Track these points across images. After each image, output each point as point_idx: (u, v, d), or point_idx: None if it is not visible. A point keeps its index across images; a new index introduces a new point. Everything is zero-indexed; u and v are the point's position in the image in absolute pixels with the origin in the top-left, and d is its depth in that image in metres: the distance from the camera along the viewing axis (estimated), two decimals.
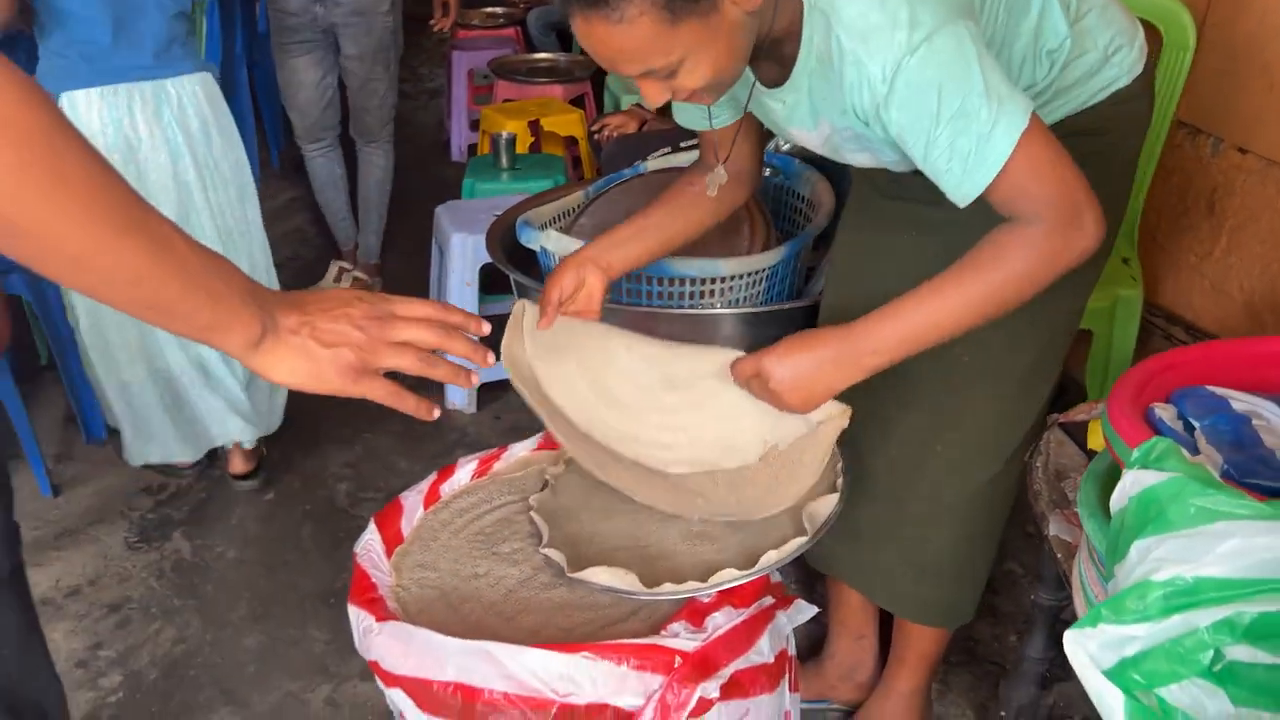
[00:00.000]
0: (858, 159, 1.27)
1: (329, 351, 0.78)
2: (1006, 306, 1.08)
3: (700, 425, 1.36)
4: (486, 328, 0.89)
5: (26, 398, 2.22)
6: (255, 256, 2.24)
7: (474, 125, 4.20)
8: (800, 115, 1.22)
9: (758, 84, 1.24)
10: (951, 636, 1.59)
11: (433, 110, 4.98)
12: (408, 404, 0.84)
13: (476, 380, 0.88)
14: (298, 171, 3.93)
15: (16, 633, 0.92)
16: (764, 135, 1.44)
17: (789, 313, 1.72)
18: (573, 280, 1.35)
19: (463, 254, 2.50)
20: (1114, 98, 1.25)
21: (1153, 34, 2.07)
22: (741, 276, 1.72)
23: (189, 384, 2.14)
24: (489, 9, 4.72)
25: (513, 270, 1.83)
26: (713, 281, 1.71)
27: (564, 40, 4.54)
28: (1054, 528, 1.17)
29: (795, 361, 1.18)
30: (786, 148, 2.10)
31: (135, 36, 1.96)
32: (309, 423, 2.47)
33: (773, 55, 1.18)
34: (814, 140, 1.26)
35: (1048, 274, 1.06)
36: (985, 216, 1.09)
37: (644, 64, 1.05)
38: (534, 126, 3.38)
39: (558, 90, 3.74)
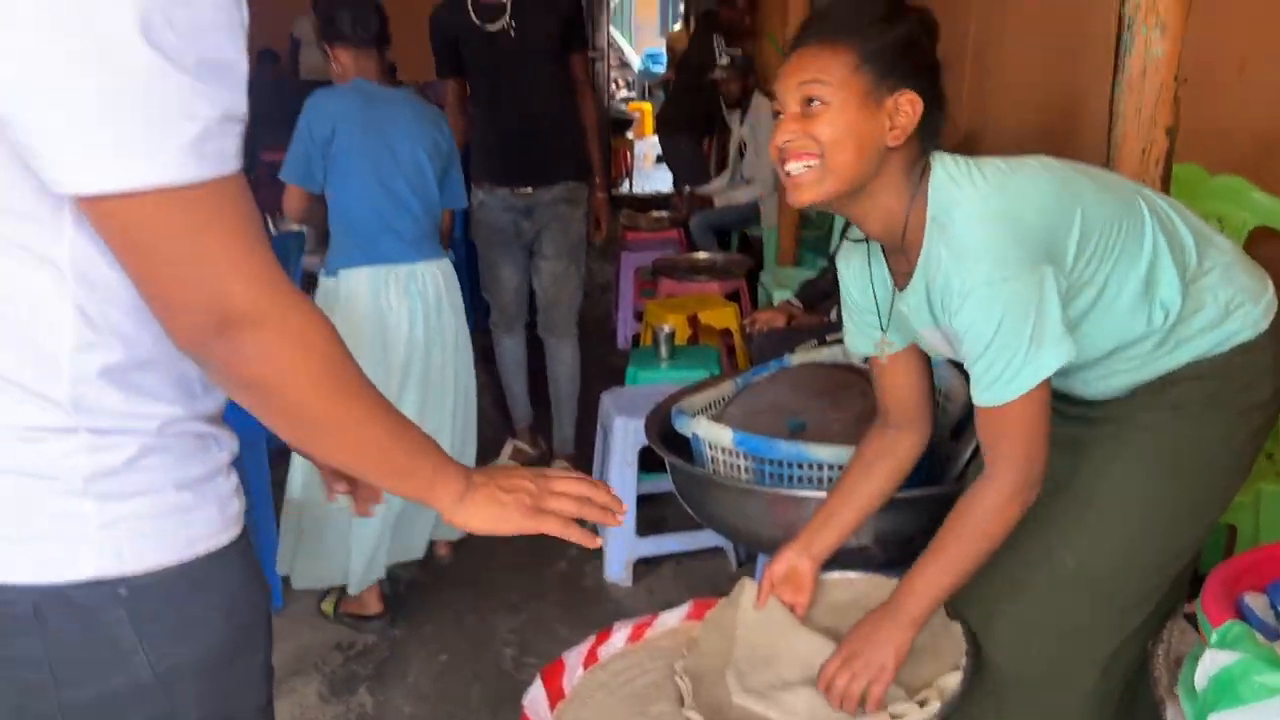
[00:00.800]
0: None
1: (511, 496, 0.99)
2: (986, 555, 1.36)
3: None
4: (623, 512, 1.07)
5: None
6: (461, 408, 2.70)
7: (638, 316, 4.54)
8: (923, 316, 1.39)
9: (896, 292, 1.43)
10: None
11: (603, 303, 5.41)
12: (573, 534, 1.02)
13: (619, 521, 1.07)
14: (481, 361, 4.35)
15: None
16: (927, 380, 1.58)
17: (921, 500, 1.84)
18: (783, 567, 1.57)
19: (624, 436, 2.73)
20: (1237, 349, 1.37)
21: None
22: None
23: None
24: (655, 213, 5.16)
25: (668, 453, 2.04)
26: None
27: (722, 240, 4.91)
28: (1170, 713, 1.23)
29: (864, 642, 1.39)
30: None
31: (396, 231, 2.53)
32: (481, 591, 2.69)
33: (903, 251, 1.38)
34: (939, 341, 1.43)
35: (1004, 529, 1.35)
36: (1100, 448, 1.37)
37: (815, 77, 1.27)
38: (692, 320, 3.67)
39: (715, 286, 4.05)
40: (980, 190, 1.29)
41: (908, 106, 1.29)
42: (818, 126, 1.28)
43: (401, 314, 2.53)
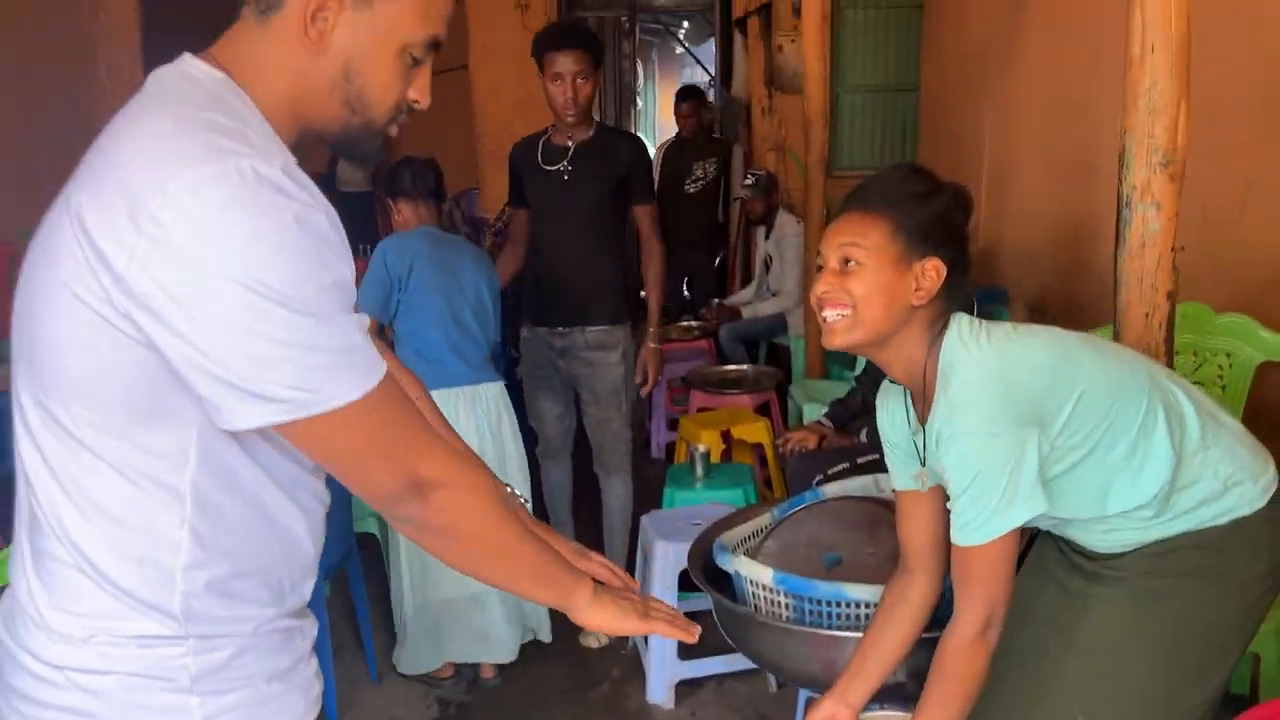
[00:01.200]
0: None
1: (628, 603, 1.21)
2: (972, 693, 1.49)
3: None
4: (698, 631, 1.26)
5: None
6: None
7: (671, 425, 4.68)
8: (935, 452, 1.52)
9: (922, 430, 1.56)
10: None
11: (636, 411, 5.53)
12: (678, 631, 1.23)
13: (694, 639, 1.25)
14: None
15: None
16: (944, 528, 1.65)
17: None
18: (822, 717, 1.68)
19: (664, 560, 2.83)
20: (1236, 522, 1.49)
21: None
22: None
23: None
24: (684, 323, 5.34)
25: (712, 590, 2.15)
26: None
27: (751, 349, 5.06)
28: None
29: None
30: None
31: (464, 356, 2.85)
32: (528, 715, 2.79)
33: (923, 396, 1.53)
34: None
35: (977, 669, 1.48)
36: (1108, 607, 1.49)
37: (853, 241, 1.45)
38: (725, 436, 3.79)
39: (746, 399, 4.18)
40: (983, 353, 1.45)
41: (933, 272, 1.46)
42: (852, 283, 1.46)
43: (470, 431, 2.79)
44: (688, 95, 6.03)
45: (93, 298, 0.90)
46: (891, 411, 1.67)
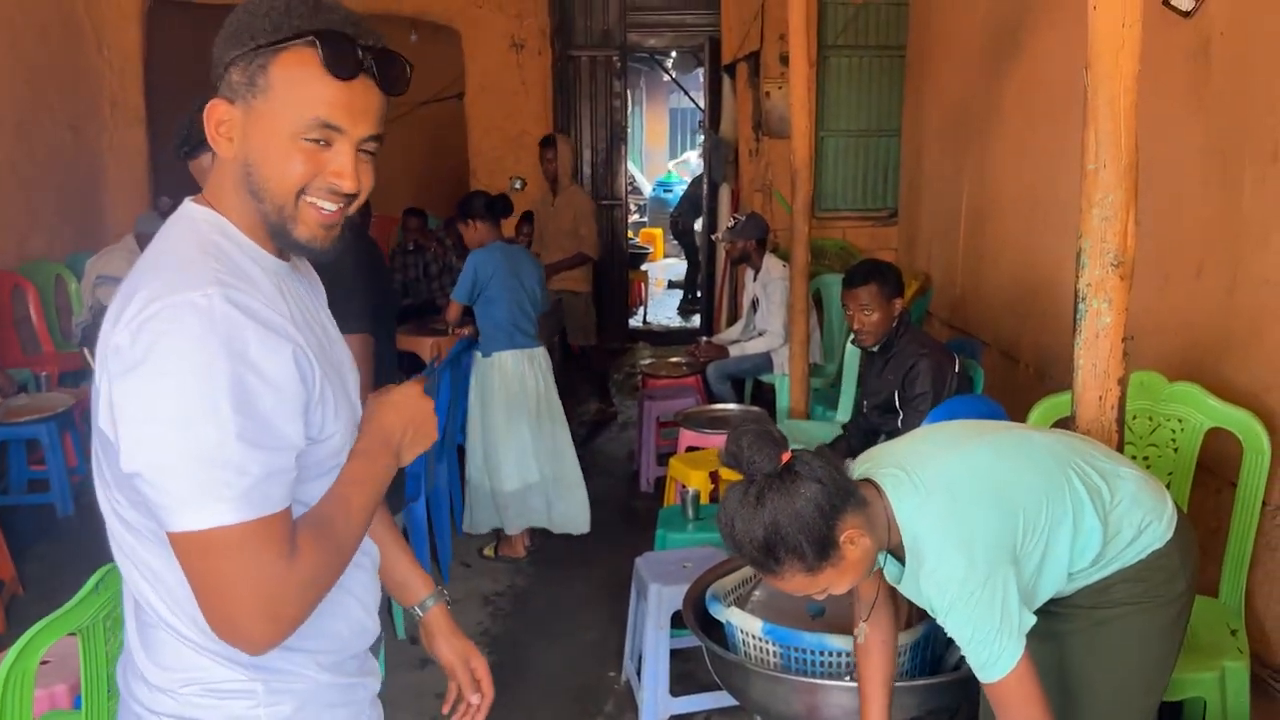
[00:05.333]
0: None
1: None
2: None
3: None
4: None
5: None
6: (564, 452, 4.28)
7: (660, 460, 4.84)
8: (911, 593, 1.72)
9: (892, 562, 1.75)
10: None
11: (624, 442, 5.72)
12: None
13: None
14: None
15: None
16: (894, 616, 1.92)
17: (930, 688, 2.12)
18: None
19: (658, 602, 2.99)
20: (1153, 554, 1.74)
21: (1235, 442, 2.48)
22: None
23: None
24: (674, 359, 5.52)
25: (706, 639, 2.32)
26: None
27: (738, 388, 5.25)
28: None
29: None
30: None
31: (524, 329, 4.16)
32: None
33: (895, 554, 1.71)
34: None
35: None
36: (1075, 641, 1.72)
37: (800, 592, 1.61)
38: (714, 477, 3.97)
39: None
40: (929, 500, 1.62)
41: (853, 538, 1.59)
42: (828, 593, 1.66)
43: (534, 377, 4.16)
44: None
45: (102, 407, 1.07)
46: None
